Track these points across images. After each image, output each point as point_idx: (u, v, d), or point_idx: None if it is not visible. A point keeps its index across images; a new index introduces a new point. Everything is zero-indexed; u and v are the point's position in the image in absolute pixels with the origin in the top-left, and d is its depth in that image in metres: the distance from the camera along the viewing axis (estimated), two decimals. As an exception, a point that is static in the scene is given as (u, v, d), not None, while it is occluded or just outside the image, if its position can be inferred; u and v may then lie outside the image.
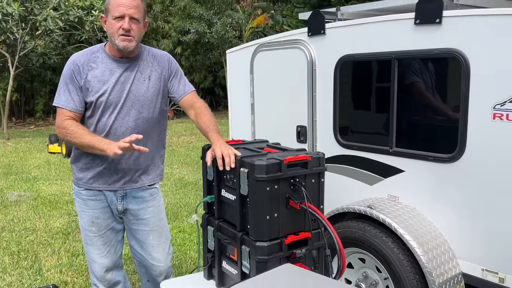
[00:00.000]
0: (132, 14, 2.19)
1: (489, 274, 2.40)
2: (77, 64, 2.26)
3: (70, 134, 2.21)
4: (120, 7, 2.17)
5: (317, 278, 1.77)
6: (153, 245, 2.47)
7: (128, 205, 2.41)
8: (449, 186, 2.51)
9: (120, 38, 2.20)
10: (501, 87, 2.23)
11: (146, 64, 2.36)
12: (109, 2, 2.22)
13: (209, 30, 15.37)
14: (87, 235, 2.43)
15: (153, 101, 2.36)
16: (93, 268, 2.46)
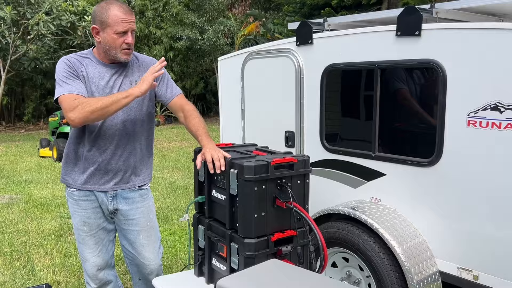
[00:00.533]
0: (134, 28, 2.32)
1: (464, 272, 2.54)
2: (70, 61, 2.32)
3: (87, 104, 2.17)
4: (124, 22, 2.25)
5: (301, 272, 1.90)
6: (144, 244, 2.56)
7: (118, 206, 2.49)
8: (428, 189, 2.65)
9: (123, 52, 2.29)
10: (475, 96, 2.38)
11: (133, 69, 2.45)
12: (108, 16, 2.24)
13: (201, 37, 15.51)
14: (80, 235, 2.50)
15: (139, 104, 2.43)
16: (86, 267, 2.55)
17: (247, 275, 1.87)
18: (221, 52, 15.98)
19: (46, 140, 10.56)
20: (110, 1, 2.29)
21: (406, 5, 11.58)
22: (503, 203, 2.34)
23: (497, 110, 2.31)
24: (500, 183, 2.34)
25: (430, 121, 2.61)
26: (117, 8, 2.26)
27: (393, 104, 2.80)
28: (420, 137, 2.68)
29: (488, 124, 2.35)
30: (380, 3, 12.14)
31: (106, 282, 2.60)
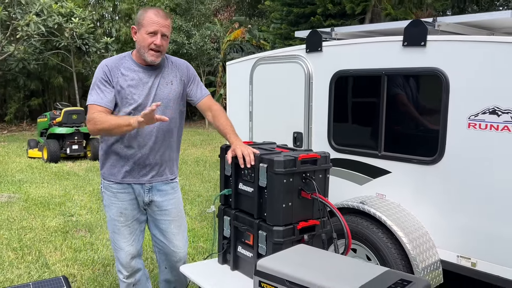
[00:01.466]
0: (164, 32, 2.47)
1: (463, 260, 2.81)
2: (107, 66, 2.52)
3: (99, 121, 2.40)
4: (155, 24, 2.43)
5: (329, 254, 2.13)
6: (174, 233, 2.76)
7: (153, 197, 2.69)
8: (430, 185, 2.92)
9: (150, 52, 2.46)
10: (475, 101, 2.67)
11: (168, 70, 2.63)
12: (144, 17, 2.46)
13: (188, 41, 15.67)
14: (115, 225, 2.68)
15: (175, 103, 2.65)
16: (120, 255, 2.72)
17: (281, 256, 2.09)
18: (207, 57, 16.19)
19: (35, 141, 10.54)
20: (149, 8, 2.54)
21: (389, 16, 12.02)
22: (498, 198, 2.63)
23: (495, 114, 2.59)
24: (497, 179, 2.62)
25: (433, 123, 2.88)
26: (153, 12, 2.47)
27: (399, 108, 3.07)
28: (424, 138, 2.95)
29: (486, 126, 2.63)
30: (364, 13, 12.55)
31: (136, 270, 2.78)
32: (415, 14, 12.80)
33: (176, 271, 2.81)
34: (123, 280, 2.76)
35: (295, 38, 13.10)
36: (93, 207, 5.87)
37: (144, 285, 2.88)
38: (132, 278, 2.77)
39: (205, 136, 14.57)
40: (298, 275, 1.88)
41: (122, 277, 2.75)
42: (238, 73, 4.26)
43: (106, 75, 2.51)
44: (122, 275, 2.75)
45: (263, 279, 1.99)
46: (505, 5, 17.97)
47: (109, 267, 3.94)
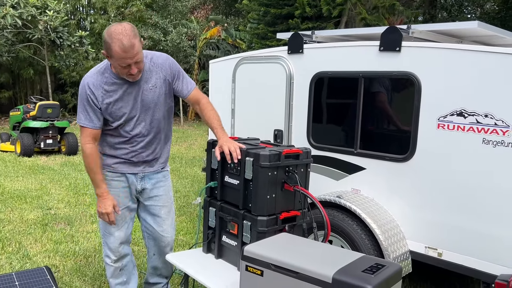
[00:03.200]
0: (136, 60, 2.42)
1: (430, 250, 3.04)
2: (90, 88, 2.56)
3: (87, 164, 2.65)
4: (124, 59, 2.38)
5: (309, 241, 2.31)
6: (164, 218, 2.92)
7: (145, 185, 2.84)
8: (402, 181, 3.14)
9: (128, 77, 2.53)
10: (444, 103, 2.90)
11: (149, 73, 2.64)
12: (111, 51, 2.37)
13: (164, 38, 15.65)
14: None
15: (162, 104, 2.74)
16: (108, 241, 2.84)
17: (266, 243, 2.25)
18: (183, 54, 16.20)
19: (7, 135, 10.37)
20: (113, 31, 2.37)
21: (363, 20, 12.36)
22: (463, 193, 2.86)
23: (462, 116, 2.83)
24: (462, 176, 2.85)
25: (406, 123, 3.10)
26: (117, 44, 2.35)
27: (374, 108, 3.28)
28: (397, 137, 3.16)
29: (454, 127, 2.86)
30: (340, 16, 12.84)
31: (124, 255, 2.91)
32: (388, 20, 13.21)
33: (164, 257, 2.94)
34: (111, 264, 2.88)
35: (272, 39, 13.31)
36: (71, 201, 5.89)
37: (130, 271, 3.00)
38: (119, 263, 2.90)
39: (180, 133, 14.60)
40: (282, 259, 2.04)
41: (109, 261, 2.87)
42: (221, 72, 4.39)
43: (90, 97, 2.57)
44: (109, 259, 2.87)
45: (250, 264, 2.14)
46: (472, 12, 18.70)
47: (91, 258, 4.01)
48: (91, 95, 2.57)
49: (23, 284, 3.31)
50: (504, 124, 2.66)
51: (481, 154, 2.77)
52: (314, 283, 1.93)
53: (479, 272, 2.83)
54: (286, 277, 2.01)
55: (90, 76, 2.60)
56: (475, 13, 18.11)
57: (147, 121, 2.72)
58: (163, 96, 2.73)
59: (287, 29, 13.06)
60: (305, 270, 1.96)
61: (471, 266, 2.86)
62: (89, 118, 2.60)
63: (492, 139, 2.72)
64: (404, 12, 13.22)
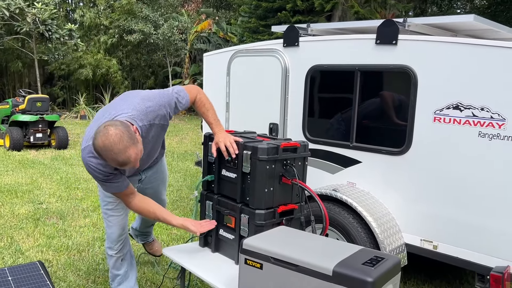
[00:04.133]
0: (133, 166, 2.29)
1: (426, 243, 3.06)
2: (104, 169, 2.39)
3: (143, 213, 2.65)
4: (121, 167, 2.27)
5: (308, 234, 2.30)
6: (161, 190, 3.22)
7: (146, 174, 3.04)
8: (397, 174, 3.15)
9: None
10: (440, 97, 2.90)
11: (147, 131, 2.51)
12: (106, 159, 2.20)
13: (155, 32, 15.52)
14: (109, 202, 2.81)
15: (161, 140, 2.79)
16: (112, 231, 2.86)
17: (265, 236, 2.24)
18: (174, 48, 16.09)
19: (-5, 129, 10.23)
20: (105, 148, 2.16)
21: (356, 14, 12.36)
22: (458, 186, 2.88)
23: (458, 109, 2.84)
24: (458, 169, 2.87)
25: (402, 116, 3.11)
26: (113, 163, 2.22)
27: (370, 101, 3.28)
28: (393, 130, 3.17)
29: (450, 120, 2.87)
30: (331, 10, 12.82)
31: (125, 244, 2.96)
32: (380, 13, 13.23)
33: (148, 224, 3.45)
34: (113, 255, 2.92)
35: (264, 32, 13.28)
36: (63, 195, 5.83)
37: (130, 262, 3.04)
38: (120, 253, 2.95)
39: (171, 127, 14.51)
40: (282, 252, 2.04)
41: (112, 253, 2.91)
42: (216, 65, 4.36)
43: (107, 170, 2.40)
44: (112, 251, 2.91)
45: (249, 257, 2.14)
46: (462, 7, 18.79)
47: (84, 252, 3.98)
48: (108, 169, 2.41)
49: (16, 279, 3.27)
50: (500, 117, 2.68)
51: (477, 147, 2.78)
52: (314, 275, 1.93)
53: (474, 264, 2.86)
54: (286, 270, 2.01)
55: (96, 164, 2.39)
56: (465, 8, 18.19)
57: (150, 156, 2.84)
58: (163, 134, 2.73)
59: (278, 23, 13.04)
60: (305, 263, 1.96)
61: (466, 258, 2.89)
62: (113, 186, 2.50)
63: (488, 132, 2.73)
64: (396, 6, 13.23)
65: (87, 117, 16.15)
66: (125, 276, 2.99)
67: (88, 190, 6.16)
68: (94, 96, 18.29)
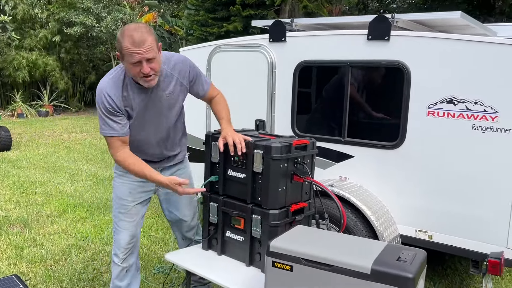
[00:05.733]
0: (148, 56, 2.24)
1: (421, 233, 3.16)
2: (111, 97, 2.38)
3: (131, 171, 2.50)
4: (134, 54, 2.20)
5: (327, 232, 2.29)
6: (185, 203, 2.91)
7: (165, 175, 2.70)
8: (391, 168, 3.22)
9: (142, 79, 2.32)
10: (434, 91, 2.99)
11: (167, 79, 2.51)
12: (122, 47, 2.24)
13: (98, 24, 14.83)
14: (123, 205, 2.71)
15: (176, 108, 2.66)
16: (120, 237, 2.73)
17: (290, 237, 2.20)
18: (119, 41, 15.47)
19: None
20: (126, 29, 2.26)
21: (305, 8, 12.52)
22: (452, 178, 2.99)
23: (452, 103, 2.94)
24: (451, 162, 2.98)
25: (395, 111, 3.17)
26: (128, 40, 2.21)
27: (363, 96, 3.31)
28: (386, 124, 3.23)
29: (444, 114, 2.97)
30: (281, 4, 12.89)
31: (131, 254, 2.80)
32: (327, 8, 13.50)
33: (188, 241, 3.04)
34: (118, 264, 2.76)
35: (213, 25, 13.11)
36: (21, 201, 5.43)
37: (134, 274, 2.86)
38: (126, 263, 2.79)
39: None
40: (314, 252, 2.00)
41: (117, 261, 2.76)
42: (194, 60, 4.20)
43: (111, 106, 2.39)
44: (117, 259, 2.76)
45: (277, 259, 2.08)
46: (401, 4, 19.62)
47: (61, 261, 3.73)
48: (112, 104, 2.39)
49: (-5, 296, 3.00)
50: (493, 110, 2.80)
51: (471, 140, 2.90)
52: (351, 275, 1.91)
53: (468, 251, 2.99)
54: (319, 271, 1.98)
55: (106, 82, 2.41)
56: (402, 4, 19.01)
57: (162, 129, 2.65)
58: (179, 102, 2.67)
59: (228, 16, 12.94)
60: (340, 263, 1.93)
61: (460, 246, 3.01)
62: (115, 126, 2.42)
63: (481, 125, 2.85)
64: (342, 1, 13.56)
65: (25, 115, 15.18)
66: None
67: (48, 194, 5.79)
68: (31, 93, 17.21)
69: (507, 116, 2.76)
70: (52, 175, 6.90)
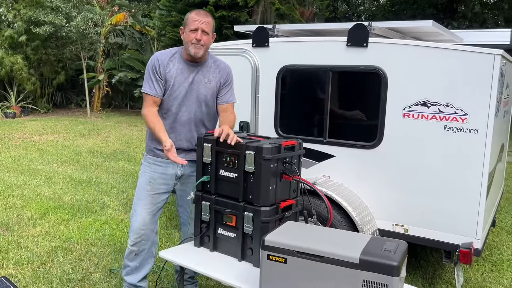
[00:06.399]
0: (204, 28, 2.79)
1: (397, 227, 3.38)
2: (158, 60, 2.87)
3: (148, 122, 2.87)
4: (195, 22, 2.79)
5: (316, 227, 2.46)
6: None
7: (185, 172, 3.03)
8: (370, 166, 3.43)
9: (192, 46, 2.80)
10: (409, 94, 3.21)
11: (209, 70, 2.97)
12: (187, 18, 2.84)
13: (67, 24, 14.59)
14: (142, 192, 3.00)
15: (210, 100, 2.98)
16: (134, 220, 2.99)
17: (283, 231, 2.36)
18: (89, 41, 15.27)
19: None
20: (195, 10, 2.91)
21: (277, 10, 12.71)
22: (426, 175, 3.22)
23: (425, 106, 3.17)
24: (426, 160, 3.21)
25: (373, 113, 3.38)
26: (195, 12, 2.85)
27: (343, 99, 3.51)
28: (365, 126, 3.43)
29: (419, 116, 3.20)
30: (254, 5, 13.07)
31: (143, 240, 3.03)
32: (299, 10, 13.76)
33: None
34: (129, 245, 3.03)
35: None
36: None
37: (145, 259, 3.10)
38: (136, 247, 3.02)
39: (90, 125, 13.84)
40: (306, 245, 2.17)
41: (129, 242, 3.05)
42: (177, 64, 4.32)
43: (156, 67, 2.87)
44: (130, 240, 3.02)
45: (272, 253, 2.24)
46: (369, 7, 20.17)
47: (49, 263, 3.77)
48: (157, 66, 2.86)
49: (-14, 298, 3.03)
50: (463, 112, 3.05)
51: (443, 140, 3.13)
52: (341, 265, 2.09)
53: (441, 243, 3.23)
54: (312, 262, 2.15)
55: (160, 52, 2.94)
56: (371, 7, 19.54)
57: (193, 110, 2.94)
58: (214, 95, 2.99)
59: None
60: (331, 254, 2.11)
61: (434, 238, 3.25)
62: (152, 86, 2.87)
63: (452, 126, 3.09)
64: (314, 3, 13.85)
65: (-9, 117, 14.78)
66: (135, 270, 3.09)
67: (26, 197, 5.75)
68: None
69: (475, 118, 3.01)
70: (28, 178, 6.83)
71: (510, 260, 4.27)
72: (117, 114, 17.31)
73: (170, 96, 2.89)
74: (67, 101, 19.70)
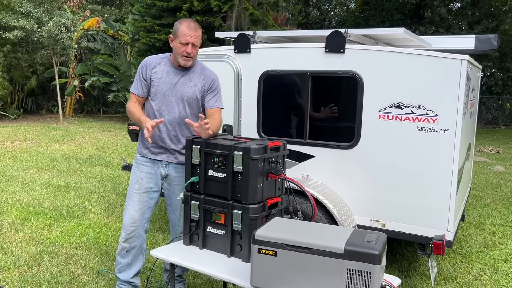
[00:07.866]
0: (194, 42, 2.97)
1: (375, 222, 3.58)
2: (147, 63, 3.11)
3: (129, 112, 3.09)
4: (186, 36, 2.94)
5: (302, 222, 2.62)
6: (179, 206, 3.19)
7: (169, 172, 3.19)
8: (348, 165, 3.62)
9: (182, 58, 2.99)
10: (384, 97, 3.43)
11: (195, 75, 3.13)
12: (178, 29, 2.98)
13: (39, 29, 14.39)
14: (130, 191, 3.19)
15: (194, 102, 3.12)
16: (125, 218, 3.17)
17: (272, 227, 2.51)
18: (61, 46, 15.10)
19: None
20: (184, 19, 3.06)
21: (251, 16, 12.91)
22: (401, 173, 3.44)
23: (399, 108, 3.39)
24: (400, 159, 3.42)
25: (351, 115, 3.58)
26: (186, 25, 2.98)
27: (322, 102, 3.70)
28: (343, 127, 3.63)
29: (393, 117, 3.41)
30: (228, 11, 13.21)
31: (134, 237, 3.18)
32: (272, 15, 14.00)
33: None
34: (120, 243, 3.19)
35: (160, 32, 13.19)
36: (-22, 210, 5.34)
37: (136, 255, 3.23)
38: (127, 243, 3.16)
39: (63, 131, 13.67)
40: (294, 238, 2.33)
41: (121, 239, 3.20)
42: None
43: (142, 69, 3.10)
44: (121, 237, 3.17)
45: (262, 246, 2.38)
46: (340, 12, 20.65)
47: (35, 267, 3.81)
48: (144, 68, 3.08)
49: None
50: (434, 113, 3.28)
51: (416, 139, 3.35)
52: (328, 255, 2.25)
53: (416, 236, 3.44)
54: (300, 254, 2.31)
55: (152, 56, 3.15)
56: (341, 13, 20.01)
57: (177, 110, 3.08)
58: (197, 97, 3.12)
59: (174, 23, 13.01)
60: (317, 246, 2.27)
61: (409, 231, 3.46)
62: (137, 86, 3.10)
63: (424, 126, 3.32)
64: (287, 9, 14.12)
65: (-40, 124, 14.40)
66: (127, 266, 3.22)
67: (4, 203, 5.72)
68: (-35, 100, 16.32)
69: (445, 118, 3.24)
70: (5, 185, 6.77)
71: (478, 252, 4.54)
72: (90, 120, 17.14)
73: (155, 95, 3.07)
74: (38, 107, 19.35)
